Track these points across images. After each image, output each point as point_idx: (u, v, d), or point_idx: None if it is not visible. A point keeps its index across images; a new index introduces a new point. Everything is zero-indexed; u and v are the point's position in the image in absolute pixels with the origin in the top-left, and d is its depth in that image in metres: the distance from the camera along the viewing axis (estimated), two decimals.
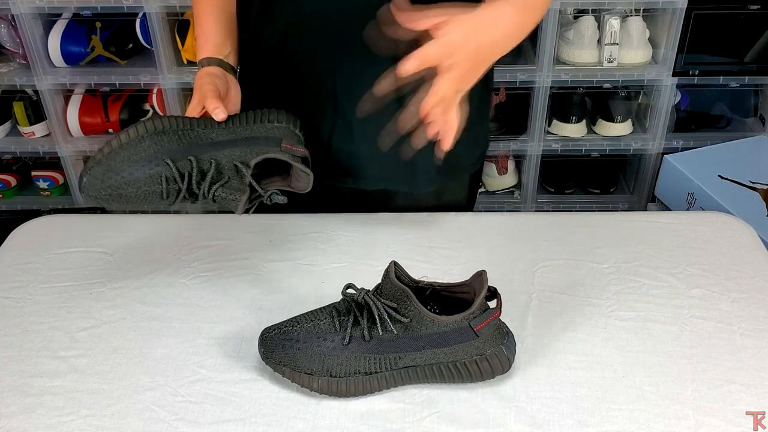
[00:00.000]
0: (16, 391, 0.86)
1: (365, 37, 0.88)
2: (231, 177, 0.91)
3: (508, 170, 2.28)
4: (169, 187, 0.90)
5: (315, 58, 1.02)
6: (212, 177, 0.91)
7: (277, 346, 0.85)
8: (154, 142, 0.90)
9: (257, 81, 1.10)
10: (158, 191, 0.90)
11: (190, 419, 0.83)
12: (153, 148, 0.90)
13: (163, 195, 0.90)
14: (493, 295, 0.84)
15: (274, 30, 1.03)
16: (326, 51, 1.01)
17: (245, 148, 0.93)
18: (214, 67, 1.01)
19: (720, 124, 2.24)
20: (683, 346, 0.92)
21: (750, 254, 1.08)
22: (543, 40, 1.97)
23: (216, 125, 0.94)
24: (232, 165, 0.91)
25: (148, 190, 0.90)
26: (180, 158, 0.90)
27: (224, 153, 0.92)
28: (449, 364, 0.84)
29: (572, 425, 0.82)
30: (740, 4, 1.97)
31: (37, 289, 1.02)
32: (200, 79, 0.99)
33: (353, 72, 1.02)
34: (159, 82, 2.05)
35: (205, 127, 0.93)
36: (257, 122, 0.96)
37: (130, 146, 0.89)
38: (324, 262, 1.06)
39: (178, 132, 0.92)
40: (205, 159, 0.91)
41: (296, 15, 1.00)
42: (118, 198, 0.90)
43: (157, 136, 0.90)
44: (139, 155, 0.89)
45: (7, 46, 2.07)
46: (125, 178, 0.88)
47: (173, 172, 0.89)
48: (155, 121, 0.91)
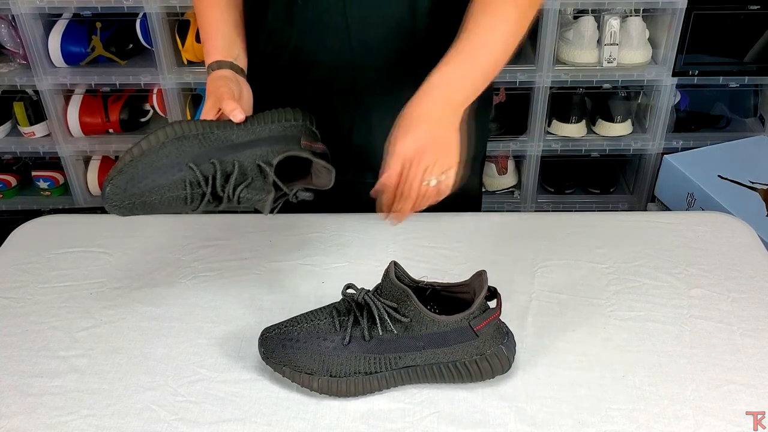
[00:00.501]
0: (16, 391, 0.86)
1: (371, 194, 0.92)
2: (254, 178, 0.91)
3: (508, 170, 2.28)
4: (194, 192, 0.89)
5: (334, 54, 1.02)
6: (236, 179, 0.90)
7: (277, 346, 0.85)
8: (175, 148, 0.89)
9: (271, 81, 1.10)
10: (182, 196, 0.89)
11: (190, 419, 0.83)
12: (175, 154, 0.89)
13: (187, 200, 0.90)
14: (493, 295, 0.84)
15: (292, 30, 1.03)
16: (345, 47, 1.01)
17: (266, 148, 0.92)
18: (226, 70, 1.01)
19: (720, 124, 2.24)
20: (683, 346, 0.92)
21: (750, 254, 1.08)
22: (543, 40, 1.97)
23: (235, 127, 0.93)
24: (254, 165, 0.91)
25: (172, 196, 0.89)
26: (202, 162, 0.89)
27: (246, 154, 0.91)
28: (449, 364, 0.84)
29: (572, 425, 0.82)
30: (740, 4, 1.97)
31: (37, 289, 1.02)
32: (213, 82, 0.99)
33: (372, 67, 1.02)
34: (159, 82, 2.05)
35: (224, 130, 0.93)
36: (275, 122, 0.95)
37: (152, 153, 0.88)
38: (324, 262, 1.06)
39: (199, 136, 0.91)
40: (228, 161, 0.90)
41: (316, 14, 1.00)
42: (142, 206, 0.89)
43: (178, 142, 0.89)
44: (161, 161, 0.88)
45: (8, 46, 2.07)
46: (148, 186, 0.88)
47: (197, 176, 0.89)
48: (175, 127, 0.90)
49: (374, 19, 0.99)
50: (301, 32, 1.03)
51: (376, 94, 1.05)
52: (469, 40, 0.89)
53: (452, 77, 0.88)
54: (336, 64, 1.03)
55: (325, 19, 1.00)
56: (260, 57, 1.08)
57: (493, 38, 0.91)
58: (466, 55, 0.89)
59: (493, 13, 0.91)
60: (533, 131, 2.12)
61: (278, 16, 1.03)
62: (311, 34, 1.02)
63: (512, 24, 0.91)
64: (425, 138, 0.85)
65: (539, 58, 2.00)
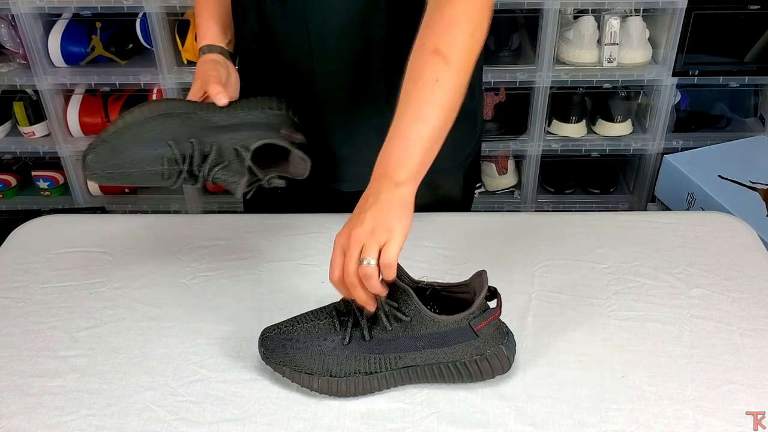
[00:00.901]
0: (16, 391, 0.86)
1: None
2: (231, 161, 0.93)
3: (508, 170, 2.28)
4: (171, 169, 0.92)
5: (297, 56, 1.03)
6: (213, 160, 0.93)
7: (278, 346, 0.85)
8: (159, 124, 0.91)
9: (252, 70, 1.11)
10: (160, 172, 0.92)
11: (190, 419, 0.83)
12: (158, 129, 0.91)
13: (164, 176, 0.92)
14: (493, 295, 0.84)
15: (260, 28, 1.04)
16: (305, 49, 1.02)
17: (246, 133, 0.94)
18: (216, 54, 1.04)
19: (720, 124, 2.24)
20: (683, 346, 0.92)
21: (750, 254, 1.08)
22: (543, 40, 1.97)
23: (218, 110, 0.96)
24: (232, 149, 0.93)
25: (150, 171, 0.91)
26: (182, 140, 0.92)
27: (225, 137, 0.94)
28: (449, 363, 0.84)
29: (572, 425, 0.82)
30: (740, 4, 1.97)
31: (37, 289, 1.02)
32: (202, 65, 1.01)
33: (330, 71, 1.03)
34: (159, 82, 2.05)
35: (207, 111, 0.95)
36: (257, 109, 0.98)
37: (136, 126, 0.91)
38: (324, 262, 1.05)
39: (182, 115, 0.93)
40: (207, 142, 0.93)
41: (280, 14, 1.01)
42: (120, 177, 0.91)
43: (162, 118, 0.92)
44: (144, 136, 0.90)
45: (7, 46, 2.07)
46: (129, 158, 0.90)
47: (175, 153, 0.91)
48: (160, 104, 0.93)
49: (333, 24, 0.99)
50: (268, 31, 1.04)
51: (335, 100, 1.05)
52: (403, 117, 0.85)
53: (390, 157, 0.84)
54: (298, 68, 1.04)
55: (288, 21, 1.01)
56: (240, 49, 1.10)
57: (429, 109, 0.84)
58: (402, 134, 0.84)
59: (423, 83, 0.85)
60: (533, 131, 2.12)
61: (250, 13, 1.04)
62: (276, 34, 1.03)
63: (438, 80, 0.85)
64: (358, 222, 0.80)
65: (539, 58, 2.00)
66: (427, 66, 0.85)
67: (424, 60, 0.86)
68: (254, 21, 1.04)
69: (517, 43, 2.11)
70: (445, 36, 0.86)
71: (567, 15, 2.07)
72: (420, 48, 0.87)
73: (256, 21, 1.04)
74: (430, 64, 0.85)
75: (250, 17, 1.04)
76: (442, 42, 0.85)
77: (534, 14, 1.99)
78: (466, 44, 0.86)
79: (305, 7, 0.98)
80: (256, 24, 1.04)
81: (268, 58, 1.07)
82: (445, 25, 0.86)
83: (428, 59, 0.85)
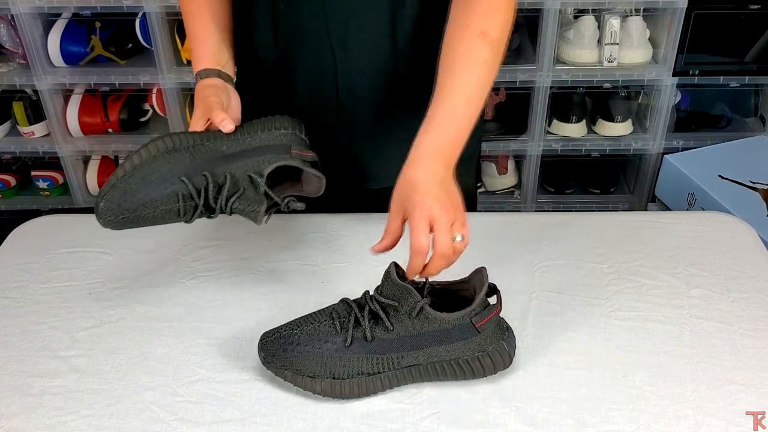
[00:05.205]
0: (16, 391, 0.86)
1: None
2: (246, 188, 0.91)
3: (508, 170, 2.28)
4: (186, 205, 0.90)
5: (317, 60, 1.02)
6: (228, 190, 0.90)
7: (278, 350, 0.85)
8: (167, 161, 0.89)
9: (258, 88, 1.09)
10: (175, 209, 0.90)
11: (190, 419, 0.83)
12: (167, 167, 0.89)
13: (180, 213, 0.90)
14: (493, 292, 0.84)
15: (275, 35, 1.03)
16: (327, 53, 1.01)
17: (257, 158, 0.92)
18: (214, 78, 1.00)
19: (720, 124, 2.24)
20: (683, 346, 0.92)
21: (750, 254, 1.08)
22: (543, 40, 1.97)
23: (224, 138, 0.93)
24: (246, 176, 0.91)
25: (165, 209, 0.89)
26: (194, 174, 0.90)
27: (237, 165, 0.92)
28: (451, 361, 0.84)
29: (572, 425, 0.82)
30: (740, 4, 1.97)
31: (37, 289, 1.02)
32: (201, 91, 0.98)
33: (353, 70, 1.02)
34: (159, 81, 2.05)
35: (215, 141, 0.93)
36: (264, 131, 0.95)
37: (144, 167, 0.89)
38: (324, 262, 1.06)
39: (190, 148, 0.91)
40: (219, 173, 0.91)
41: (297, 19, 1.00)
42: (135, 220, 0.89)
43: (169, 155, 0.90)
44: (153, 175, 0.88)
45: (7, 46, 2.07)
46: (141, 200, 0.88)
47: (189, 189, 0.89)
48: (166, 140, 0.91)
49: (355, 24, 0.98)
50: (284, 38, 1.02)
51: (359, 99, 1.05)
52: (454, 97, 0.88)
53: (446, 138, 0.86)
54: (318, 70, 1.03)
55: (306, 25, 0.99)
56: (246, 63, 1.08)
57: (478, 90, 0.89)
58: (456, 115, 0.87)
59: (471, 63, 0.89)
60: (533, 131, 2.12)
61: (261, 22, 1.02)
62: (294, 39, 1.02)
63: (486, 60, 0.89)
64: (441, 198, 0.82)
65: (539, 58, 2.00)
66: (475, 47, 0.89)
67: (471, 41, 0.89)
68: (268, 30, 1.02)
69: (517, 42, 2.11)
70: (489, 17, 0.90)
71: (567, 15, 2.07)
72: (465, 29, 0.90)
73: (270, 29, 1.02)
74: (476, 45, 0.89)
75: (263, 27, 1.02)
76: (487, 23, 0.90)
77: (534, 14, 1.99)
78: (506, 27, 0.91)
79: (323, 7, 0.97)
80: (270, 33, 1.02)
81: (282, 68, 1.05)
82: (488, 6, 0.90)
83: (474, 40, 0.89)
